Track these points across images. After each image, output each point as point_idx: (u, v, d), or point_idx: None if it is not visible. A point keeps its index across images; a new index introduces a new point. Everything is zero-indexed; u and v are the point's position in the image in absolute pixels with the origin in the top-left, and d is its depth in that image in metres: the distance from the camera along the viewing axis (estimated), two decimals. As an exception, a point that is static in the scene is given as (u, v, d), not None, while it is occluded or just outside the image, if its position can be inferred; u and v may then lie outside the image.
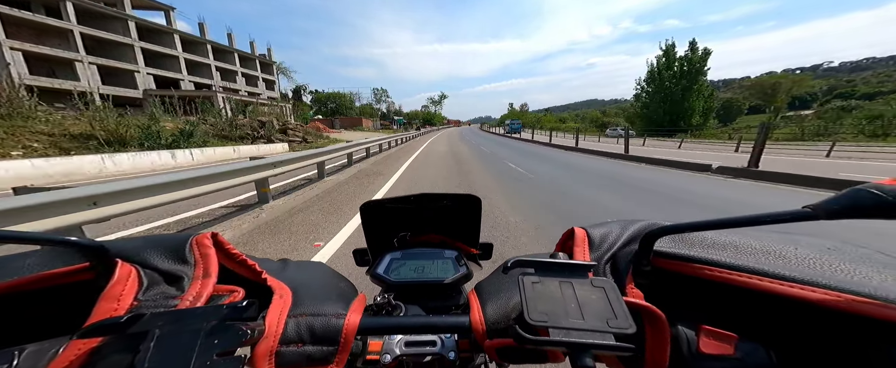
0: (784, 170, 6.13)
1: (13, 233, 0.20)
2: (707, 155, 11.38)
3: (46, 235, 0.22)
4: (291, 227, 3.37)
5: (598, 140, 25.06)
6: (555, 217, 3.76)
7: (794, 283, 0.21)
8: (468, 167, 8.67)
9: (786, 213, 0.19)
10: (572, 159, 10.78)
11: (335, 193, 5.07)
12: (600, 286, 0.25)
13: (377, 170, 7.95)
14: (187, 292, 0.25)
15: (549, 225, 3.40)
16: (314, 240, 2.99)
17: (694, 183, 6.04)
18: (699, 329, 0.24)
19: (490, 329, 0.27)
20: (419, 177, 7.06)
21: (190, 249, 0.27)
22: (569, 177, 6.80)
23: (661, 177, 6.68)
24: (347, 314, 0.28)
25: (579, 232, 0.33)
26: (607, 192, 5.21)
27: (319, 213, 3.88)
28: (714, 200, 4.59)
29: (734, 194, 4.98)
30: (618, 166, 8.66)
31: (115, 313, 0.21)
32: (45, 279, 0.23)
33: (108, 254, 0.24)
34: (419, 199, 0.51)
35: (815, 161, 8.95)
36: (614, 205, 4.39)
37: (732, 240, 0.27)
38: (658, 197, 4.89)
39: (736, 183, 5.93)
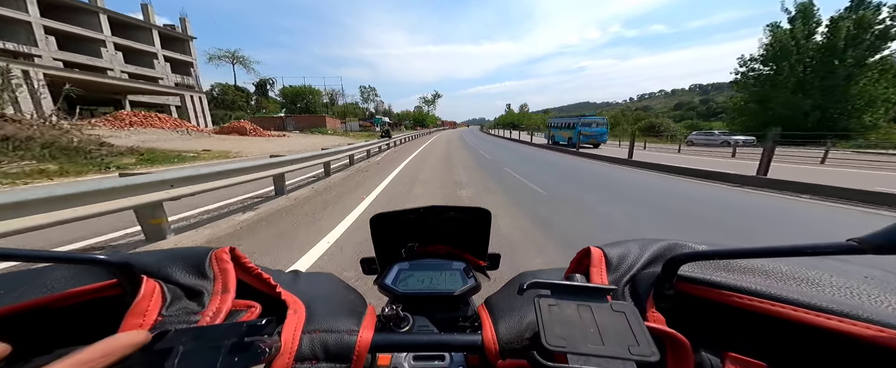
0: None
1: (46, 254, 0.21)
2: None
3: (76, 254, 0.23)
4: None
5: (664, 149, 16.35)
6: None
7: (832, 315, 0.20)
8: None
9: (828, 246, 0.18)
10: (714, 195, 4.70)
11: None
12: (621, 310, 0.24)
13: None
14: (207, 307, 0.25)
15: None
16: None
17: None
18: (724, 356, 0.23)
19: (502, 348, 0.26)
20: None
21: (209, 264, 0.28)
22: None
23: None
24: (360, 330, 0.27)
25: (596, 251, 0.31)
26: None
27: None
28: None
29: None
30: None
31: (140, 328, 0.22)
32: (76, 295, 0.24)
33: (133, 270, 0.24)
34: (428, 211, 0.51)
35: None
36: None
37: (761, 265, 0.25)
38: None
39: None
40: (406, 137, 21.98)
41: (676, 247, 0.30)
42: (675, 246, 0.30)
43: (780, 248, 0.19)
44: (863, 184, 4.68)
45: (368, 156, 10.61)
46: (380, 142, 12.36)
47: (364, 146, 9.95)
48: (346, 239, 2.79)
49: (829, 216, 3.64)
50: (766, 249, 0.20)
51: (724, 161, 9.02)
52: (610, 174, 7.11)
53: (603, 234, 3.03)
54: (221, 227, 3.06)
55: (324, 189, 5.02)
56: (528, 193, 4.85)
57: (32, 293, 0.23)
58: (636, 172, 7.44)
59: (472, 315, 0.44)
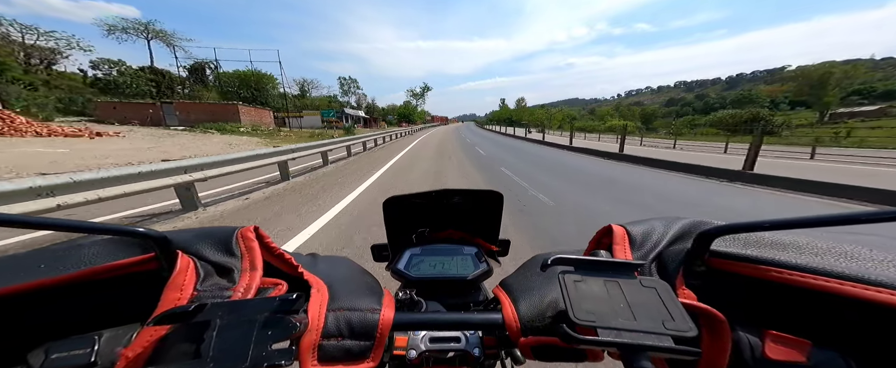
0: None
1: (86, 224, 0.21)
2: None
3: (117, 226, 0.23)
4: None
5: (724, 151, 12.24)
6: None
7: (880, 287, 0.19)
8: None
9: (878, 213, 0.16)
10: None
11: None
12: (651, 286, 0.23)
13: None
14: (238, 283, 0.25)
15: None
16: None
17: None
18: (764, 334, 0.22)
19: (524, 326, 0.26)
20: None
21: (236, 242, 0.28)
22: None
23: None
24: (382, 309, 0.27)
25: (618, 229, 0.30)
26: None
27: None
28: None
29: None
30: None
31: (179, 302, 0.22)
32: (115, 268, 0.24)
33: (170, 245, 0.25)
34: (440, 195, 0.50)
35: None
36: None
37: (794, 240, 0.24)
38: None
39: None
40: (372, 139, 13.40)
41: (702, 224, 0.28)
42: (700, 223, 0.29)
43: (820, 218, 0.18)
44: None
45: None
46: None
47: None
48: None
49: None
50: (803, 220, 0.19)
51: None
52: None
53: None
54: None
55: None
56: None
57: (71, 266, 0.23)
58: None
59: (484, 299, 0.44)
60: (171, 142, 12.69)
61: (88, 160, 7.31)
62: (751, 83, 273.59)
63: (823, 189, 4.80)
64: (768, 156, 8.83)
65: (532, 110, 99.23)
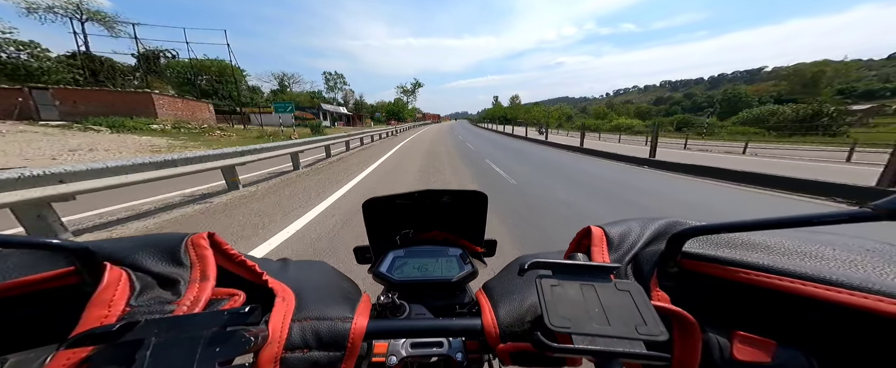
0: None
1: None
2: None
3: (26, 238, 0.19)
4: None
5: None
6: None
7: (842, 289, 0.19)
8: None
9: (841, 214, 0.17)
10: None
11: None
12: (625, 289, 0.23)
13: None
14: (184, 296, 0.22)
15: None
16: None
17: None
18: (732, 334, 0.22)
19: (503, 332, 0.26)
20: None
21: (185, 250, 0.25)
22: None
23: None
24: (354, 317, 0.26)
25: (596, 230, 0.30)
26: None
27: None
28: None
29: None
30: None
31: (105, 320, 0.20)
32: (26, 284, 0.21)
33: (94, 257, 0.22)
34: (423, 196, 0.49)
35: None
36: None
37: (763, 241, 0.24)
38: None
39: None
40: (344, 142, 9.82)
41: (678, 225, 0.28)
42: (676, 223, 0.29)
43: (790, 219, 0.18)
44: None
45: None
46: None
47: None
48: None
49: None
50: (774, 220, 0.19)
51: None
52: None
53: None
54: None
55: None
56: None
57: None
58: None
59: (470, 301, 0.43)
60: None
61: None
62: (731, 83, 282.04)
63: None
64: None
65: (528, 108, 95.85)
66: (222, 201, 3.89)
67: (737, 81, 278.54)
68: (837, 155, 11.51)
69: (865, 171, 6.28)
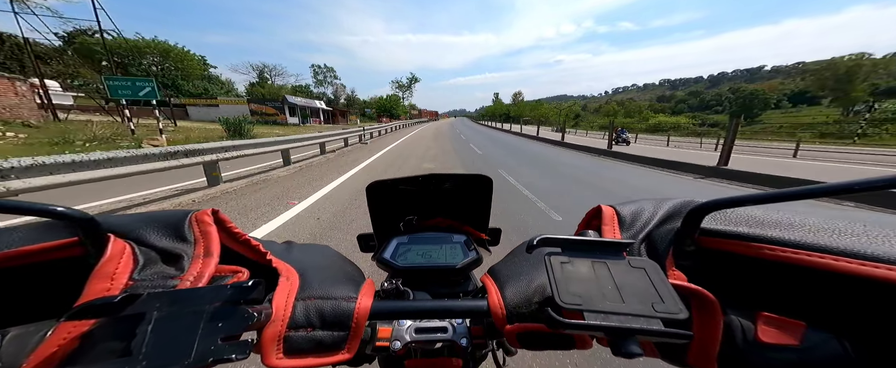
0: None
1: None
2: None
3: (30, 204, 0.18)
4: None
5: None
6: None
7: (880, 263, 0.17)
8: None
9: (879, 180, 0.15)
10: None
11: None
12: (640, 266, 0.22)
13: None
14: (187, 272, 0.22)
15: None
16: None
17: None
18: (756, 315, 0.21)
19: (510, 313, 0.25)
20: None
21: (189, 226, 0.25)
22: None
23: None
24: (358, 297, 0.26)
25: (607, 209, 0.29)
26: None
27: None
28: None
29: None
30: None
31: (108, 293, 0.19)
32: (28, 254, 0.20)
33: (98, 228, 0.21)
34: (427, 180, 0.48)
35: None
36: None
37: (786, 218, 0.23)
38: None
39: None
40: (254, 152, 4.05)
41: (693, 204, 0.26)
42: (691, 201, 0.27)
43: (824, 187, 0.17)
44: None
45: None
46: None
47: None
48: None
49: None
50: (806, 190, 0.17)
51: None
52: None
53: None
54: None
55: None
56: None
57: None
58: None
59: (474, 289, 0.43)
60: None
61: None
62: (732, 81, 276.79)
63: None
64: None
65: (535, 105, 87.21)
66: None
67: (737, 80, 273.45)
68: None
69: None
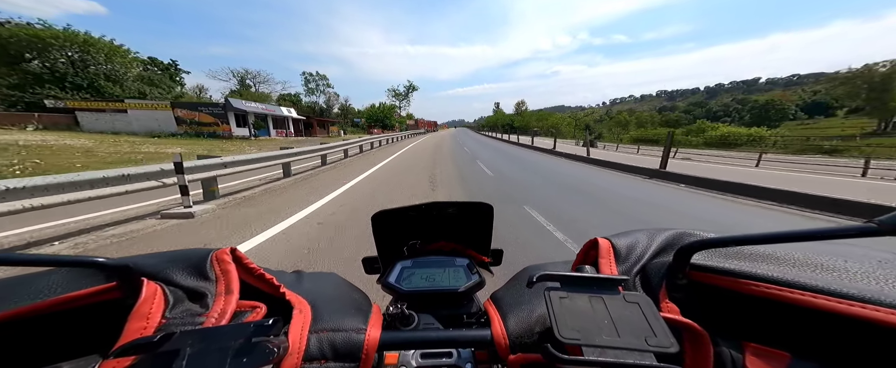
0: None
1: (40, 257, 0.20)
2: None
3: (71, 257, 0.21)
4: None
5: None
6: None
7: (854, 302, 0.18)
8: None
9: (846, 229, 0.16)
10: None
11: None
12: (634, 301, 0.23)
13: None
14: (212, 309, 0.24)
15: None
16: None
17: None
18: (744, 347, 0.22)
19: (513, 343, 0.26)
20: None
21: (210, 265, 0.26)
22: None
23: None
24: (368, 329, 0.27)
25: (603, 243, 0.30)
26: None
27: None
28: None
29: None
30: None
31: (144, 332, 0.21)
32: (74, 299, 0.22)
33: (132, 273, 0.23)
34: (430, 208, 0.49)
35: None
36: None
37: (773, 252, 0.24)
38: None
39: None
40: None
41: (685, 236, 0.28)
42: (683, 234, 0.29)
43: (796, 233, 0.18)
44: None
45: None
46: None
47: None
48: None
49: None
50: (780, 234, 0.19)
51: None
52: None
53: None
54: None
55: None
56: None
57: (26, 299, 0.22)
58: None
59: (477, 311, 0.43)
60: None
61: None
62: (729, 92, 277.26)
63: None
64: None
65: (544, 115, 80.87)
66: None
67: (735, 91, 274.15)
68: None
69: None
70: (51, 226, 3.05)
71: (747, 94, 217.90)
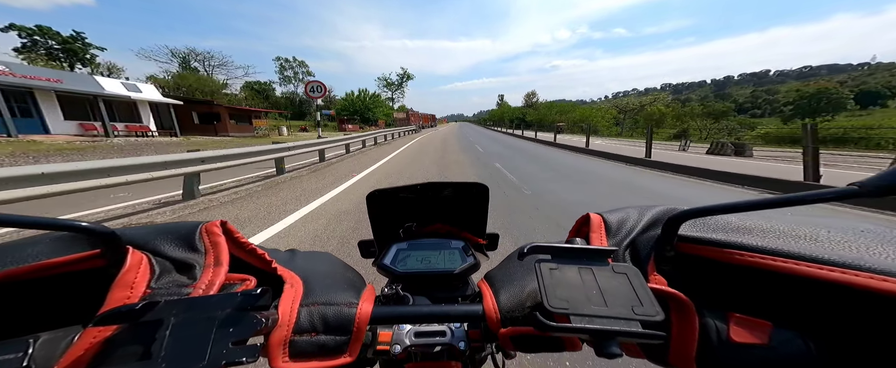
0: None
1: (21, 218, 0.18)
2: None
3: (55, 219, 0.20)
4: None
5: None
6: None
7: (835, 267, 0.19)
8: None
9: (828, 192, 0.17)
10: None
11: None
12: (622, 272, 0.24)
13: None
14: (199, 280, 0.23)
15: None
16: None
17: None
18: (729, 316, 0.22)
19: (504, 317, 0.26)
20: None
21: (200, 237, 0.26)
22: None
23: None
24: (359, 303, 0.27)
25: (595, 217, 0.30)
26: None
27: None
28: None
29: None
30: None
31: (128, 301, 0.20)
32: (55, 265, 0.22)
33: (118, 241, 0.22)
34: (425, 188, 0.49)
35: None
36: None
37: (758, 224, 0.24)
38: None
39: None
40: None
41: (674, 210, 0.28)
42: (672, 209, 0.29)
43: (781, 198, 0.18)
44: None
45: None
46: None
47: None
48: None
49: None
50: (766, 201, 0.19)
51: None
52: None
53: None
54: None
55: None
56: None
57: (4, 264, 0.21)
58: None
59: (472, 293, 0.43)
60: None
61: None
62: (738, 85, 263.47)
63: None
64: None
65: (566, 106, 65.75)
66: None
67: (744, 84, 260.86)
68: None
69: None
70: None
71: (758, 86, 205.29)
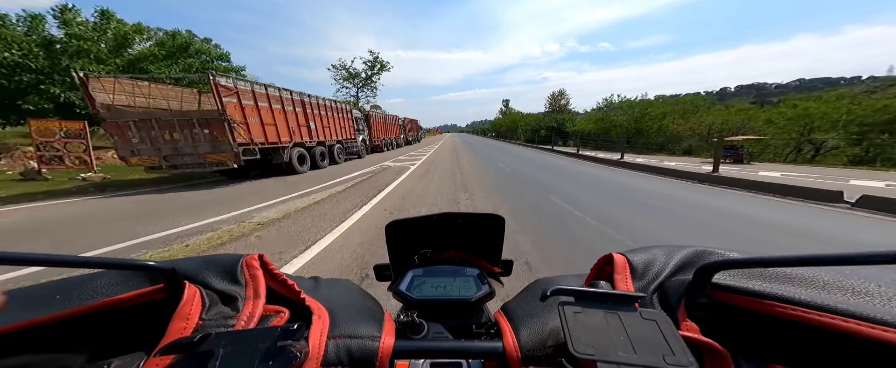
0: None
1: (96, 260, 0.21)
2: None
3: (125, 260, 0.23)
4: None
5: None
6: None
7: (886, 327, 0.17)
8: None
9: (877, 255, 0.15)
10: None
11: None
12: (652, 318, 0.22)
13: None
14: (242, 312, 0.25)
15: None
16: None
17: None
18: (765, 367, 0.21)
19: (525, 355, 0.25)
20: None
21: (241, 270, 0.28)
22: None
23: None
24: (382, 336, 0.27)
25: (619, 258, 0.29)
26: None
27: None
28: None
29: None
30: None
31: (184, 331, 0.23)
32: (123, 301, 0.24)
33: (177, 276, 0.25)
34: (442, 218, 0.50)
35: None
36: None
37: (800, 274, 0.22)
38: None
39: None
40: None
41: (706, 254, 0.27)
42: (704, 252, 0.28)
43: (825, 256, 0.17)
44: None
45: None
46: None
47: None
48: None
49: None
50: (807, 257, 0.18)
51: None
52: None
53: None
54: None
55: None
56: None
57: (84, 299, 0.23)
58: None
59: (487, 321, 0.42)
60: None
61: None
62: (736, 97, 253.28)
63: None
64: None
65: (685, 105, 20.18)
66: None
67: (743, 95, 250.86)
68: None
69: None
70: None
71: (757, 99, 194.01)
